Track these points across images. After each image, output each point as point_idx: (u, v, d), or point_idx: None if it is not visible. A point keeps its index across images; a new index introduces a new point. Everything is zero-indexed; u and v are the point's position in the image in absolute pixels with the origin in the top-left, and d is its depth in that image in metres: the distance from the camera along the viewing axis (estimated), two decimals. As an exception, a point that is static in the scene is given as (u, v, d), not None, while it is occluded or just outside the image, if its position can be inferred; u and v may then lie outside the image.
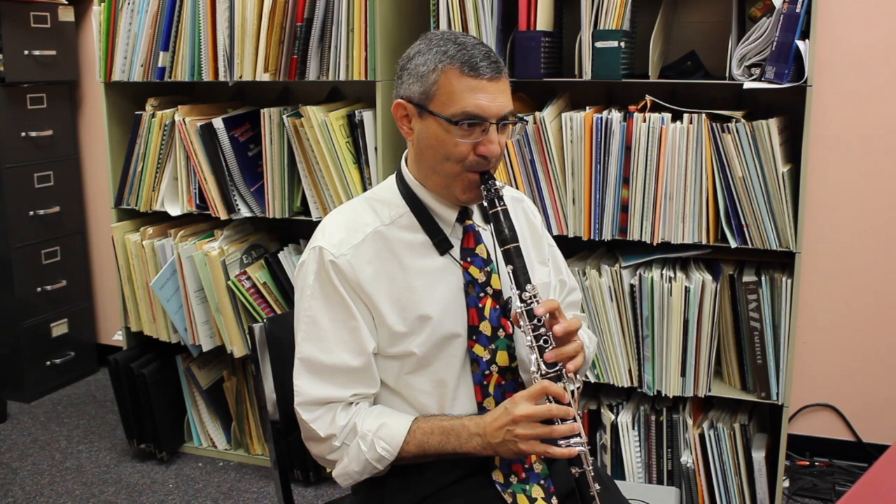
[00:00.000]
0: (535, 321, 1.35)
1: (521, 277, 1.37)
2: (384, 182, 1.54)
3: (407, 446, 1.40)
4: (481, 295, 1.46)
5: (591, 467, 1.35)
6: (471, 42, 1.39)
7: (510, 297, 1.39)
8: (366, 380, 1.43)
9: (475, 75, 1.36)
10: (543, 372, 1.35)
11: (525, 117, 2.27)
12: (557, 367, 1.35)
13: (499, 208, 1.39)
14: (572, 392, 1.36)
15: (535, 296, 1.36)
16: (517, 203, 1.61)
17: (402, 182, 1.49)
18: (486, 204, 1.41)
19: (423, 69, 1.39)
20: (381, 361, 1.45)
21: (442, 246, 1.46)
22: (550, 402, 1.34)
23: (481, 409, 1.44)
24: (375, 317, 1.42)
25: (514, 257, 1.38)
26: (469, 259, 1.46)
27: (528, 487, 1.44)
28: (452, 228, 1.48)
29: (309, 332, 1.43)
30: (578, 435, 1.33)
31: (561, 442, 1.33)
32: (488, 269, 1.47)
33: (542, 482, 1.46)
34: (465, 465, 1.44)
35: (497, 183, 1.41)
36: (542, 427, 1.33)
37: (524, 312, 1.36)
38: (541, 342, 1.35)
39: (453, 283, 1.45)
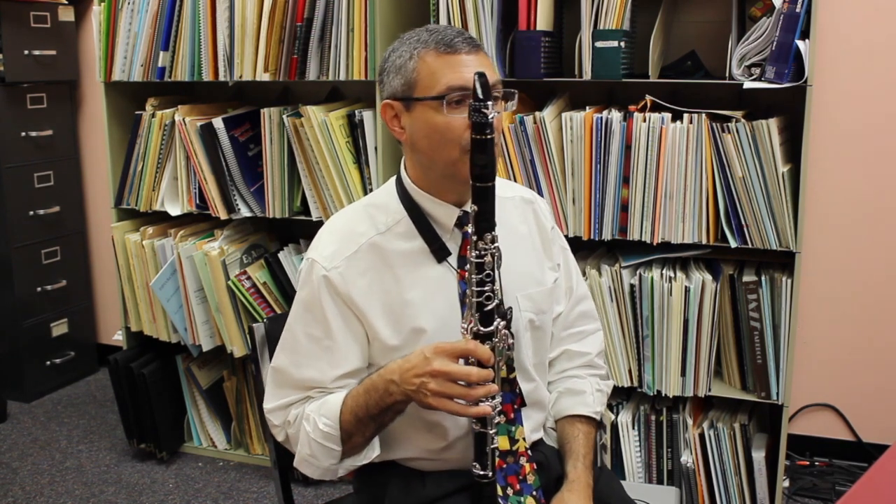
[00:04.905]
0: (483, 275, 1.27)
1: (484, 224, 1.27)
2: (384, 185, 1.51)
3: (344, 416, 1.35)
4: None
5: (494, 430, 1.30)
6: (442, 26, 1.39)
7: (510, 308, 1.35)
8: (330, 391, 1.41)
9: (452, 51, 1.34)
10: (476, 330, 1.27)
11: (525, 116, 2.27)
12: (491, 328, 1.27)
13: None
14: (499, 362, 1.30)
15: (492, 248, 1.27)
16: (528, 204, 1.57)
17: (400, 186, 1.46)
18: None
19: (400, 61, 1.37)
20: None
21: (439, 253, 1.42)
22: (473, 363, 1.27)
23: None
24: (368, 330, 1.40)
25: (482, 199, 1.27)
26: (466, 268, 1.44)
27: (522, 499, 1.43)
28: (451, 234, 1.43)
29: (286, 341, 1.43)
30: (493, 397, 1.27)
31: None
32: None
33: (534, 493, 1.44)
34: (466, 476, 1.38)
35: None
36: (456, 387, 1.25)
37: (473, 263, 1.27)
38: (482, 298, 1.27)
39: (449, 294, 1.42)
